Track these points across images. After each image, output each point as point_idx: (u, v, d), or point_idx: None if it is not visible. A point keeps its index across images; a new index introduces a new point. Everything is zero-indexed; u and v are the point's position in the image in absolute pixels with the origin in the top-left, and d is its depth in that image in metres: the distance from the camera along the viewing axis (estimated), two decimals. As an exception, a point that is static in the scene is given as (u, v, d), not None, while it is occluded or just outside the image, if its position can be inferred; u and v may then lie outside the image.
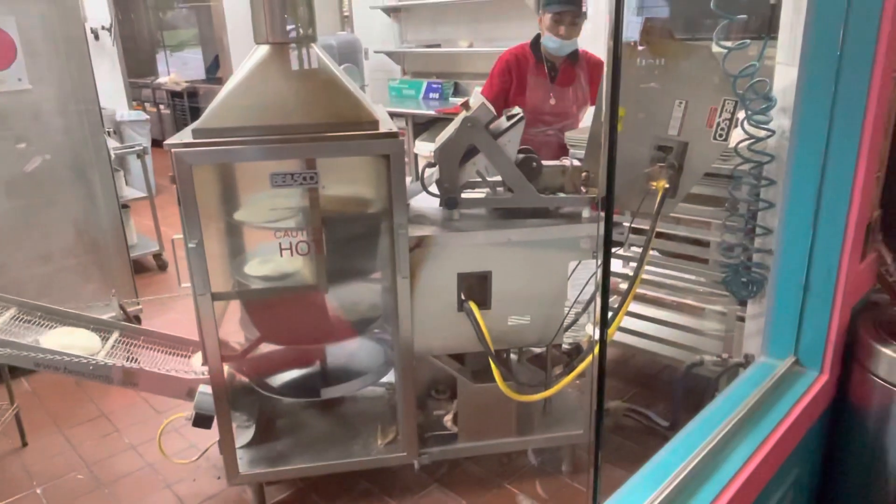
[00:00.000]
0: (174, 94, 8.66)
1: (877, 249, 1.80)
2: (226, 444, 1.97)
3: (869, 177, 1.45)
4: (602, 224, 1.02)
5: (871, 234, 1.68)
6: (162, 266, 4.51)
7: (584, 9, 2.80)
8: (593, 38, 4.29)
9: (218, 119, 1.71)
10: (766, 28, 1.85)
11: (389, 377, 2.20)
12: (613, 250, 2.54)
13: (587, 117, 2.94)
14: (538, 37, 2.89)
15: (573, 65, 2.91)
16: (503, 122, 1.91)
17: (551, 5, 2.75)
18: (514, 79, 2.89)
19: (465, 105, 1.94)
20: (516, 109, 1.95)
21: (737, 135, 1.85)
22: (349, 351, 2.28)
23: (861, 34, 1.34)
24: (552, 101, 2.86)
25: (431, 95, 5.64)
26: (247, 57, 1.79)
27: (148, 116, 6.43)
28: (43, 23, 2.96)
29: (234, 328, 2.11)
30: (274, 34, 1.76)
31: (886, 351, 1.57)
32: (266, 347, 2.14)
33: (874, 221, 1.71)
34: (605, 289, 1.06)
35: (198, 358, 2.25)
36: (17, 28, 2.89)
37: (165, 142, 1.66)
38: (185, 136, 1.73)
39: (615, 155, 1.01)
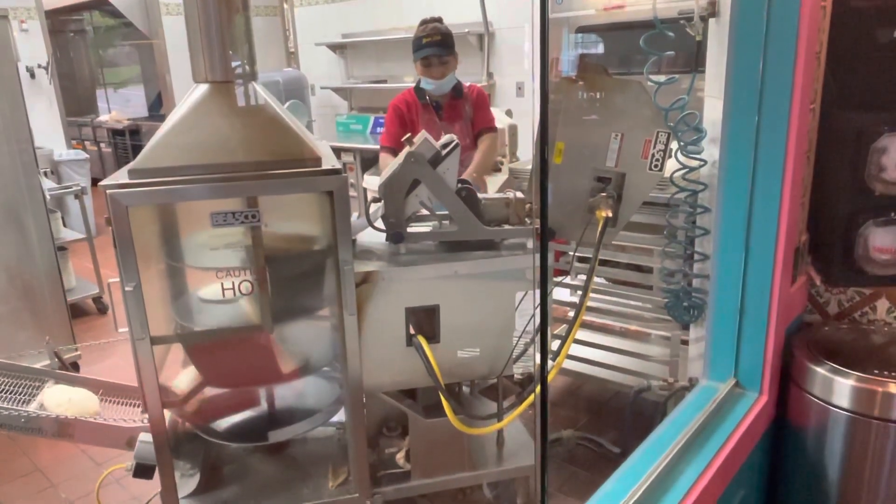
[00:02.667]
0: (116, 133, 8.48)
1: (807, 272, 1.87)
2: (168, 494, 1.89)
3: (794, 202, 1.52)
4: (538, 255, 1.04)
5: (800, 258, 1.76)
6: (102, 309, 4.36)
7: (451, 48, 2.91)
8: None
9: (155, 159, 1.67)
10: (694, 63, 1.94)
11: (339, 416, 2.16)
12: (560, 279, 2.58)
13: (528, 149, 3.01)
14: (420, 80, 2.99)
15: (457, 99, 3.02)
16: (440, 152, 1.93)
17: (418, 51, 2.92)
18: (407, 122, 3.01)
19: (409, 141, 1.96)
20: (451, 137, 1.98)
21: (671, 165, 1.92)
22: (297, 391, 2.23)
23: (778, 68, 1.42)
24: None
25: (379, 130, 5.68)
26: (185, 95, 1.77)
27: (87, 155, 6.27)
28: (-29, 62, 2.88)
29: (175, 371, 2.04)
30: (213, 73, 1.75)
31: (820, 370, 1.62)
32: (210, 391, 2.07)
33: (802, 245, 1.78)
34: (544, 317, 1.07)
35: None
36: (-57, 68, 2.80)
37: (100, 183, 1.62)
38: (122, 176, 1.68)
39: (546, 186, 1.04)
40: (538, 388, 1.88)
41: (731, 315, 1.60)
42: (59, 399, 2.10)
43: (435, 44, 2.88)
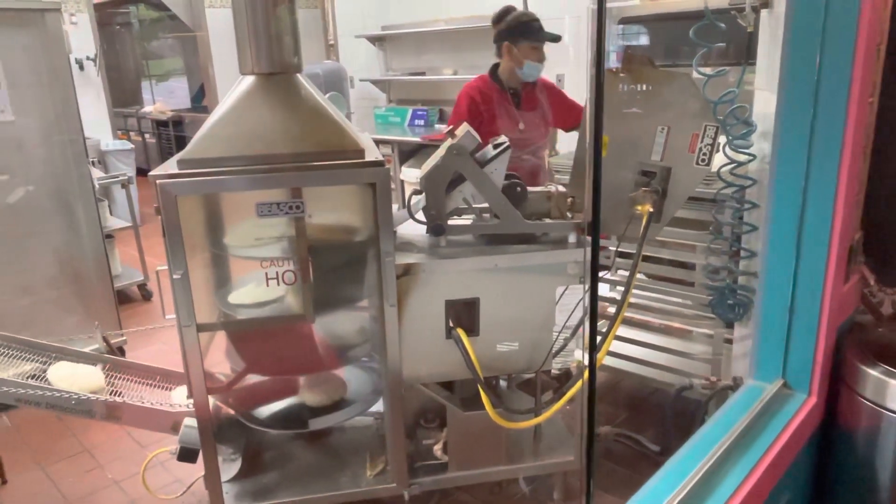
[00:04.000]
0: (159, 123, 8.66)
1: (860, 271, 1.82)
2: (211, 478, 1.93)
3: (849, 199, 1.47)
4: (589, 249, 1.02)
5: (853, 256, 1.70)
6: (146, 296, 4.46)
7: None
8: (576, 65, 4.37)
9: (203, 149, 1.70)
10: (744, 55, 1.89)
11: (378, 406, 2.18)
12: (600, 274, 2.55)
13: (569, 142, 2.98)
14: (495, 66, 2.95)
15: (533, 89, 2.97)
16: (489, 151, 1.92)
17: (527, 34, 2.84)
18: (482, 112, 2.96)
19: (451, 133, 1.96)
20: (502, 138, 1.96)
21: (719, 159, 1.88)
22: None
23: (837, 60, 1.37)
24: (521, 127, 2.92)
25: (417, 122, 5.69)
26: (232, 87, 1.80)
27: (132, 146, 6.41)
28: (27, 54, 2.96)
29: (219, 359, 2.09)
30: (259, 65, 1.77)
31: (873, 372, 1.57)
32: (252, 378, 2.11)
33: (856, 243, 1.73)
34: (594, 314, 1.06)
35: (179, 392, 2.22)
36: (1, 60, 2.88)
37: (150, 173, 1.65)
38: (171, 166, 1.72)
39: (600, 180, 1.02)
40: (579, 385, 1.87)
41: (780, 314, 1.56)
42: (62, 374, 2.15)
43: (541, 28, 2.82)
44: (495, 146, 1.93)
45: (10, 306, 3.03)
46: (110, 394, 2.16)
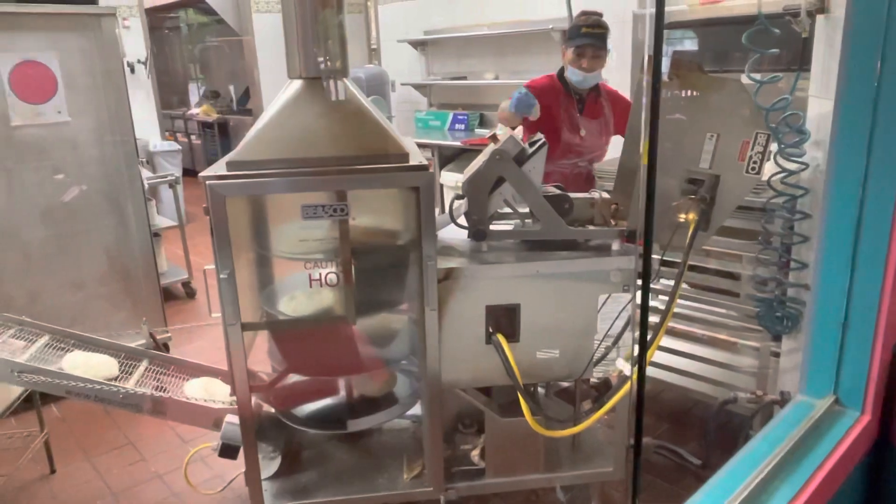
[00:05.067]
0: (205, 125, 8.85)
1: (918, 285, 1.75)
2: (251, 475, 1.96)
3: (909, 211, 1.42)
4: (639, 256, 1.01)
5: (911, 270, 1.64)
6: (190, 294, 4.56)
7: (607, 42, 2.83)
8: (618, 69, 4.32)
9: (252, 152, 1.74)
10: (798, 61, 1.85)
11: (416, 410, 2.19)
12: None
13: (612, 149, 2.95)
14: (563, 69, 2.91)
15: (597, 97, 2.93)
16: (526, 149, 1.91)
17: (574, 39, 2.80)
18: (542, 106, 2.91)
19: (493, 138, 1.95)
20: (538, 136, 1.95)
21: (769, 168, 1.84)
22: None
23: (898, 68, 1.32)
24: (582, 133, 2.88)
25: (457, 126, 5.70)
26: (280, 91, 1.83)
27: (179, 147, 6.58)
28: (83, 57, 3.06)
29: (261, 358, 2.12)
30: (307, 69, 1.79)
31: (931, 391, 1.51)
32: (293, 378, 2.13)
33: (915, 257, 1.66)
34: (644, 322, 1.04)
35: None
36: (59, 63, 2.99)
37: (200, 174, 1.69)
38: (220, 168, 1.76)
39: (654, 188, 1.01)
40: (619, 396, 1.84)
41: (832, 327, 1.51)
42: (77, 362, 2.20)
43: (594, 35, 2.78)
44: (531, 144, 1.91)
45: (63, 301, 3.14)
46: (156, 389, 2.22)
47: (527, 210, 1.98)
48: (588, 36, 2.77)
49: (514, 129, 2.02)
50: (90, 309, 3.22)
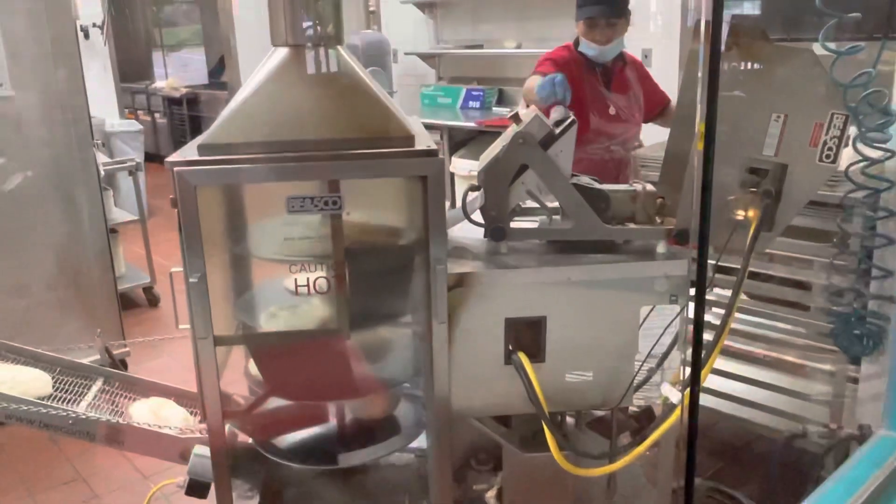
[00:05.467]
0: (172, 101, 8.92)
1: None
2: (224, 517, 1.96)
3: None
4: (691, 261, 1.01)
5: None
6: (153, 301, 4.60)
7: (623, 9, 2.84)
8: (667, 37, 4.33)
9: (228, 133, 1.74)
10: (884, 28, 1.83)
11: (421, 441, 2.18)
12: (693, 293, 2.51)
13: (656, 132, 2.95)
14: (579, 40, 2.95)
15: (624, 67, 2.94)
16: (554, 131, 1.91)
17: (582, 8, 2.84)
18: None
19: (515, 118, 1.95)
20: (565, 113, 1.96)
21: (847, 156, 1.83)
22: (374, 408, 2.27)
23: None
24: (612, 111, 2.89)
25: (471, 104, 5.71)
26: (262, 62, 1.83)
27: (141, 127, 6.63)
28: (29, 20, 3.08)
29: (237, 378, 2.13)
30: (293, 35, 1.80)
31: None
32: (275, 402, 2.14)
33: None
34: (697, 339, 1.04)
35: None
36: (0, 27, 3.01)
37: (167, 159, 1.70)
38: (190, 152, 1.76)
39: (711, 179, 1.01)
40: (664, 428, 1.83)
41: (923, 349, 1.50)
42: (1, 378, 2.20)
43: (603, 2, 2.82)
44: (557, 123, 1.91)
45: (4, 309, 3.16)
46: (112, 414, 2.23)
47: (555, 204, 1.97)
48: (596, 4, 2.79)
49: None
50: (35, 318, 3.25)
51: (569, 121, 1.92)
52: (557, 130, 1.91)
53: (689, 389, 1.06)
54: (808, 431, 2.11)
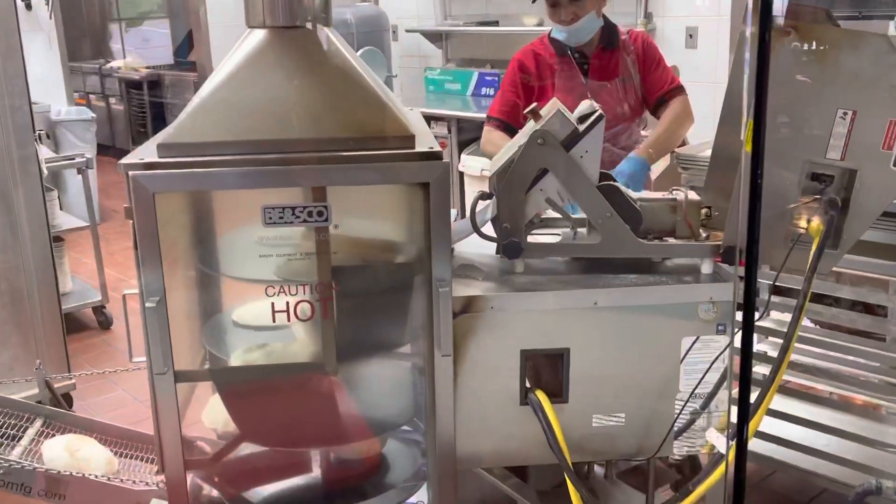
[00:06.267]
0: (130, 84, 8.96)
1: None
2: (186, 586, 1.97)
3: None
4: (741, 282, 1.02)
5: None
6: (104, 324, 4.62)
7: None
8: (716, 13, 4.35)
9: (194, 130, 1.76)
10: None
11: (420, 496, 2.19)
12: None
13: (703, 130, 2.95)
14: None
15: (611, 50, 2.97)
16: (578, 129, 1.92)
17: None
18: (534, 87, 3.01)
19: (534, 112, 1.97)
20: (590, 105, 1.96)
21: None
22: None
23: None
24: None
25: (485, 91, 5.73)
26: (236, 44, 1.85)
27: (94, 115, 6.66)
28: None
29: (201, 419, 2.14)
30: (273, 14, 1.82)
31: None
32: (247, 449, 2.15)
33: None
34: (747, 375, 1.05)
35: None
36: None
37: (122, 161, 1.71)
38: (148, 151, 1.78)
39: (760, 186, 1.02)
40: (714, 479, 1.84)
41: None
42: None
43: None
44: (582, 119, 1.92)
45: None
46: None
47: (581, 214, 1.98)
48: None
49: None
50: (-35, 344, 3.26)
51: (595, 115, 1.93)
52: (582, 127, 1.92)
53: (736, 436, 1.07)
54: (884, 487, 2.10)
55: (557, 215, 2.03)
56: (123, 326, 1.85)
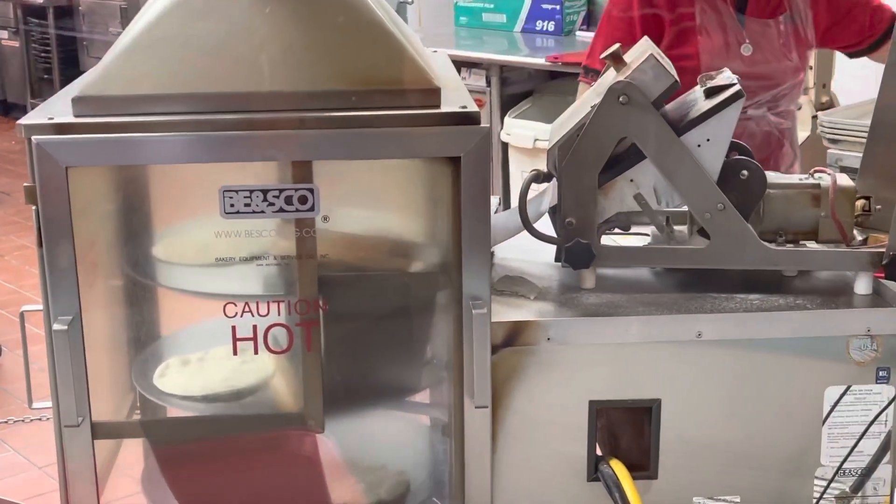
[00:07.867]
0: (29, 11, 9.04)
1: None
2: None
3: None
4: None
5: None
6: (-8, 354, 4.67)
7: None
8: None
9: (124, 79, 1.77)
10: None
11: None
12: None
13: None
14: None
15: None
16: (697, 100, 1.91)
17: None
18: (666, 16, 2.97)
19: (615, 56, 1.96)
20: (728, 78, 1.94)
21: None
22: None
23: None
24: (746, 52, 2.91)
25: (540, 26, 5.72)
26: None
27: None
28: None
29: (133, 490, 2.15)
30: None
31: None
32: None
33: None
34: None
35: None
36: None
37: (20, 121, 1.72)
38: (58, 107, 1.79)
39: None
40: None
41: None
42: None
43: None
44: (709, 91, 1.91)
45: None
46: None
47: (682, 207, 1.97)
48: None
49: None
50: None
51: (730, 91, 1.91)
52: (709, 105, 1.90)
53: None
54: None
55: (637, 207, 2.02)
56: (19, 358, 1.85)
